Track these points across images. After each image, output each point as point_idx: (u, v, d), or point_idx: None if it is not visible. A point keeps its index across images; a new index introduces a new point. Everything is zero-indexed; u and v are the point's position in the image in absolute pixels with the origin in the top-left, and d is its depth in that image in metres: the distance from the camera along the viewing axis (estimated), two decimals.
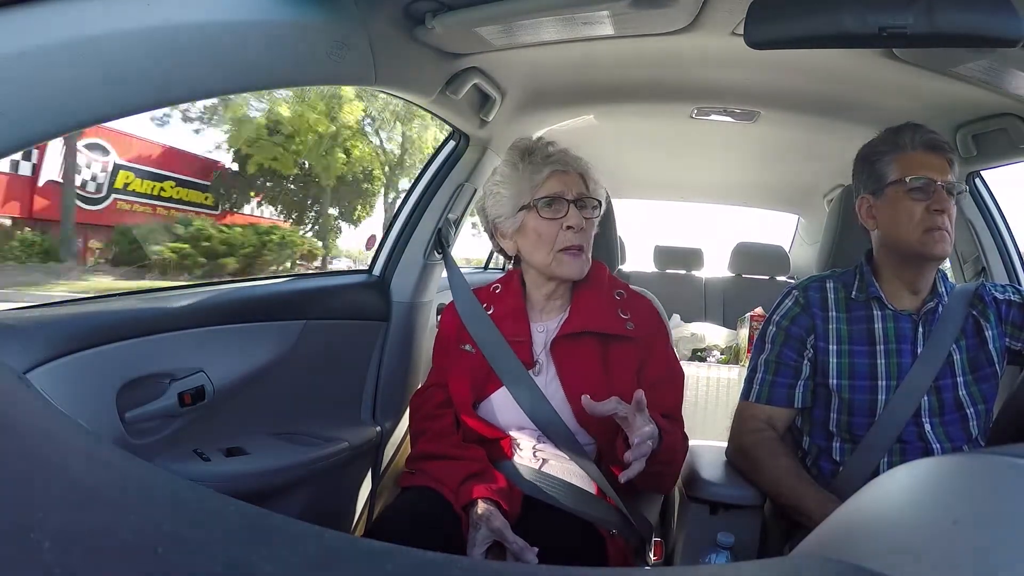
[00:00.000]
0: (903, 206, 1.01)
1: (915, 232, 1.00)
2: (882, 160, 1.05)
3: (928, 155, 1.02)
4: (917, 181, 1.01)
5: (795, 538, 1.05)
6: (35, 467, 0.23)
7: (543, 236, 1.05)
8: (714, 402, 1.95)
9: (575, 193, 1.06)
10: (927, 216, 0.99)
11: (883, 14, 0.79)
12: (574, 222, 1.04)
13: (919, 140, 1.03)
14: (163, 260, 9.84)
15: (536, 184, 1.06)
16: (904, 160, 1.03)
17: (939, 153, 1.02)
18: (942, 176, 1.00)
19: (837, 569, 0.24)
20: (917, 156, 1.02)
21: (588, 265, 1.09)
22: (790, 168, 2.20)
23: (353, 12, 0.83)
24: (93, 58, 0.56)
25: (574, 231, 1.04)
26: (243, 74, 0.71)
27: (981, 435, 1.04)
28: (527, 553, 0.88)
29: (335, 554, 0.22)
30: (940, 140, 1.03)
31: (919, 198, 1.00)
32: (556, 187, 1.05)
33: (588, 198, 1.08)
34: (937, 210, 0.99)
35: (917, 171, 1.01)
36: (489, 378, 1.07)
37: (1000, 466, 0.25)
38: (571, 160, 1.10)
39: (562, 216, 1.05)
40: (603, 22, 0.96)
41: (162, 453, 1.01)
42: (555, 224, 1.05)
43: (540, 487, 1.00)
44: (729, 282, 2.89)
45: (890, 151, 1.05)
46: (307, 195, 13.33)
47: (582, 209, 1.06)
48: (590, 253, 1.09)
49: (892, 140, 1.05)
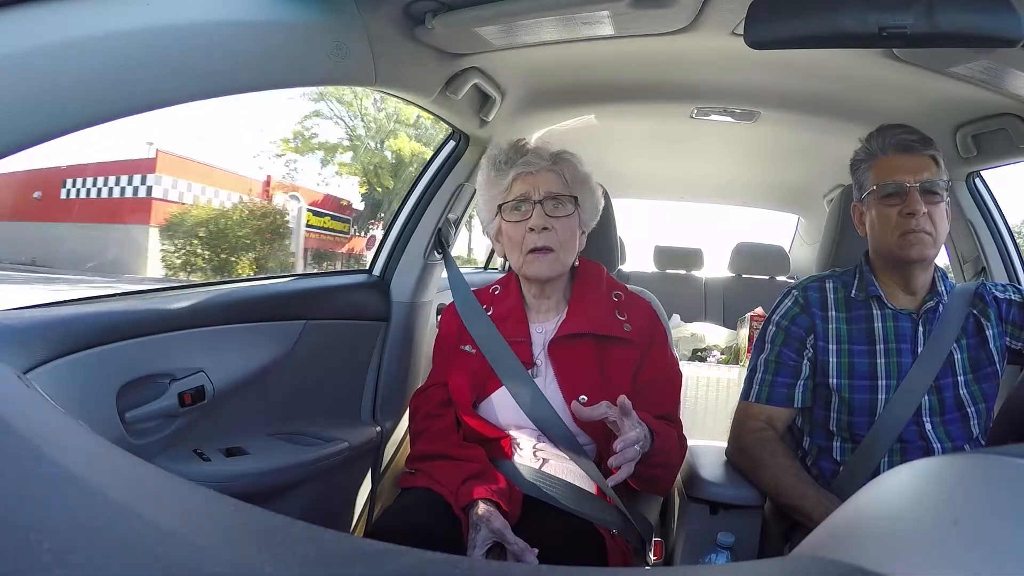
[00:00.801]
0: (879, 212, 1.03)
1: (892, 237, 1.01)
2: (860, 169, 1.07)
3: (900, 157, 1.02)
4: (887, 187, 1.02)
5: (795, 538, 1.05)
6: (35, 467, 0.23)
7: (512, 239, 1.08)
8: (714, 402, 1.95)
9: (542, 193, 1.06)
10: (901, 220, 1.00)
11: (883, 14, 0.79)
12: (535, 223, 1.05)
13: (890, 143, 1.03)
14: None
15: (504, 188, 1.09)
16: (877, 166, 1.04)
17: (911, 153, 1.02)
18: (915, 176, 1.00)
19: (837, 569, 0.24)
20: (889, 160, 1.03)
21: (561, 265, 1.08)
22: (790, 168, 2.20)
23: (353, 12, 0.83)
24: (93, 58, 0.56)
25: (535, 232, 1.05)
26: (243, 74, 0.71)
27: (982, 434, 1.04)
28: (527, 554, 0.88)
29: (335, 554, 0.22)
30: (910, 140, 1.03)
31: (893, 203, 1.01)
32: (521, 189, 1.07)
33: (560, 196, 1.07)
34: (908, 213, 0.99)
35: (888, 176, 1.02)
36: (489, 378, 1.07)
37: (1000, 466, 0.25)
38: (543, 159, 1.09)
39: (527, 218, 1.06)
40: (603, 22, 0.96)
41: (162, 453, 1.01)
42: (521, 226, 1.07)
43: (540, 487, 1.00)
44: (729, 282, 2.89)
45: (866, 159, 1.06)
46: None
47: (555, 208, 1.06)
48: (568, 253, 1.08)
49: (866, 148, 1.07)
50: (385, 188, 16.40)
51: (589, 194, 1.12)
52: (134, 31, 0.58)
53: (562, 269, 1.09)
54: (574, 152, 1.15)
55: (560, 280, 1.12)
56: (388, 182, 16.29)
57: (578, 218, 1.10)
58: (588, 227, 1.15)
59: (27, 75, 0.51)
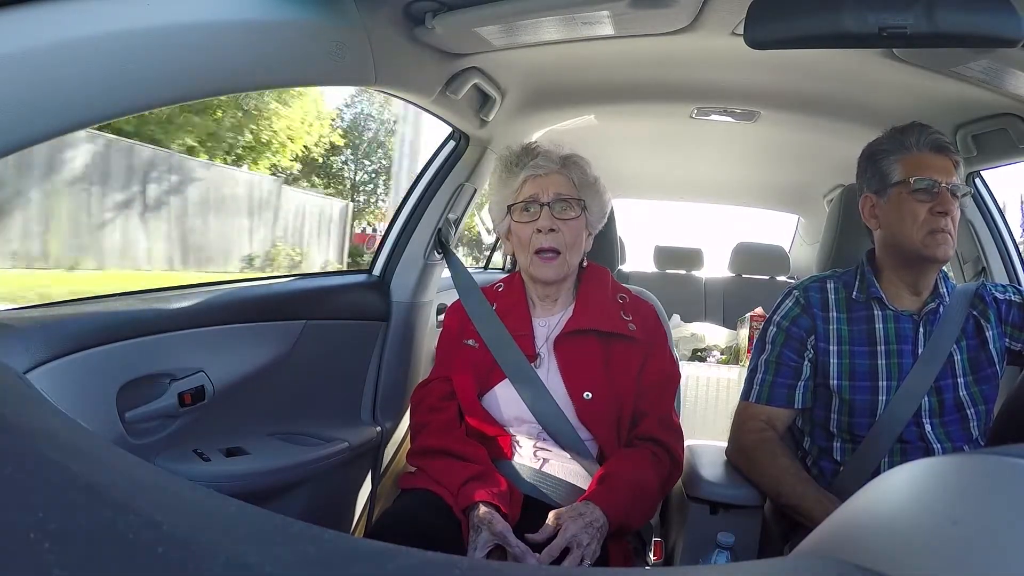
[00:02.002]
0: (907, 207, 1.01)
1: (918, 234, 1.00)
2: (887, 160, 1.05)
3: (934, 156, 1.02)
4: (922, 183, 1.00)
5: (795, 538, 1.05)
6: (35, 467, 0.23)
7: (521, 239, 1.10)
8: (714, 402, 1.96)
9: (551, 195, 1.08)
10: (930, 218, 0.99)
11: (883, 14, 0.79)
12: (542, 224, 1.07)
13: (925, 141, 1.02)
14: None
15: (514, 189, 1.11)
16: (909, 161, 1.02)
17: (944, 154, 1.02)
18: (947, 178, 1.00)
19: (837, 569, 0.24)
20: (922, 157, 1.02)
21: (567, 267, 1.09)
22: (790, 168, 2.20)
23: (353, 12, 0.83)
24: (93, 58, 0.56)
25: (542, 233, 1.07)
26: (243, 74, 0.71)
27: (982, 435, 1.04)
28: (528, 557, 0.88)
29: (335, 554, 0.22)
30: (946, 141, 1.03)
31: (923, 199, 1.00)
32: (530, 190, 1.09)
33: (569, 199, 1.09)
34: (940, 212, 0.99)
35: (922, 172, 1.01)
36: (492, 372, 1.08)
37: (1000, 466, 0.25)
38: (552, 162, 1.11)
39: (536, 219, 1.07)
40: (603, 22, 0.96)
41: (162, 453, 1.01)
42: (529, 227, 1.08)
43: (540, 488, 1.00)
44: (729, 282, 2.89)
45: (895, 151, 1.04)
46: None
47: (562, 210, 1.08)
48: (575, 254, 1.10)
49: (898, 140, 1.05)
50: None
51: (597, 198, 1.14)
52: (134, 31, 0.58)
53: (568, 271, 1.10)
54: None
55: (566, 281, 1.13)
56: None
57: (585, 220, 1.11)
58: (595, 229, 1.16)
59: (27, 75, 0.51)
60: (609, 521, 0.93)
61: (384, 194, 15.05)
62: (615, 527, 0.94)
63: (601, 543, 0.92)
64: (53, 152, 6.48)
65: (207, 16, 0.65)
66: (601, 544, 0.92)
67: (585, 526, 0.90)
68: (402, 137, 8.23)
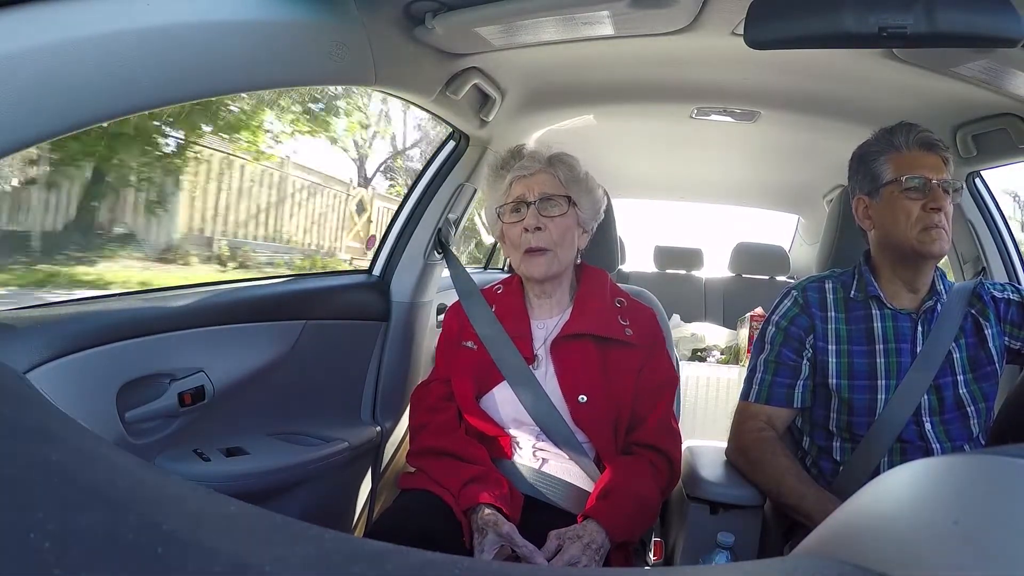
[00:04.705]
0: (900, 205, 1.02)
1: (912, 231, 1.00)
2: (877, 160, 1.06)
3: (923, 154, 1.02)
4: (913, 180, 1.01)
5: (795, 538, 1.05)
6: (35, 467, 0.23)
7: (511, 239, 1.11)
8: (714, 402, 1.96)
9: (537, 194, 1.08)
10: (924, 215, 1.00)
11: (883, 14, 0.79)
12: (528, 223, 1.08)
13: (913, 139, 1.03)
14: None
15: (503, 192, 1.12)
16: (899, 160, 1.03)
17: (934, 152, 1.02)
18: (937, 174, 1.01)
19: (837, 569, 0.24)
20: (912, 155, 1.03)
21: (558, 264, 1.09)
22: (790, 168, 2.20)
23: (353, 12, 0.83)
24: (93, 58, 0.56)
25: (529, 232, 1.07)
26: (243, 74, 0.71)
27: (982, 434, 1.04)
28: (537, 557, 0.88)
29: (335, 554, 0.22)
30: (934, 139, 1.03)
31: (915, 197, 1.01)
32: (518, 191, 1.10)
33: (554, 196, 1.09)
34: (934, 208, 0.99)
35: (913, 170, 1.01)
36: (491, 373, 1.08)
37: (1000, 466, 0.25)
38: (538, 162, 1.11)
39: (524, 219, 1.08)
40: (603, 22, 0.96)
41: (162, 453, 1.01)
42: (518, 227, 1.09)
43: (539, 488, 1.00)
44: (729, 282, 2.90)
45: (885, 151, 1.05)
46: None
47: (549, 208, 1.08)
48: (565, 251, 1.10)
49: (887, 140, 1.05)
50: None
51: (586, 194, 1.13)
52: (134, 31, 0.58)
53: (559, 268, 1.10)
54: (574, 153, 1.16)
55: (560, 279, 1.12)
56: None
57: (575, 217, 1.11)
58: (589, 227, 1.15)
59: (27, 75, 0.51)
60: (611, 539, 0.93)
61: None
62: (617, 543, 0.94)
63: (601, 563, 0.92)
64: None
65: (207, 16, 0.65)
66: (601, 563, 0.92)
67: (584, 548, 0.90)
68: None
